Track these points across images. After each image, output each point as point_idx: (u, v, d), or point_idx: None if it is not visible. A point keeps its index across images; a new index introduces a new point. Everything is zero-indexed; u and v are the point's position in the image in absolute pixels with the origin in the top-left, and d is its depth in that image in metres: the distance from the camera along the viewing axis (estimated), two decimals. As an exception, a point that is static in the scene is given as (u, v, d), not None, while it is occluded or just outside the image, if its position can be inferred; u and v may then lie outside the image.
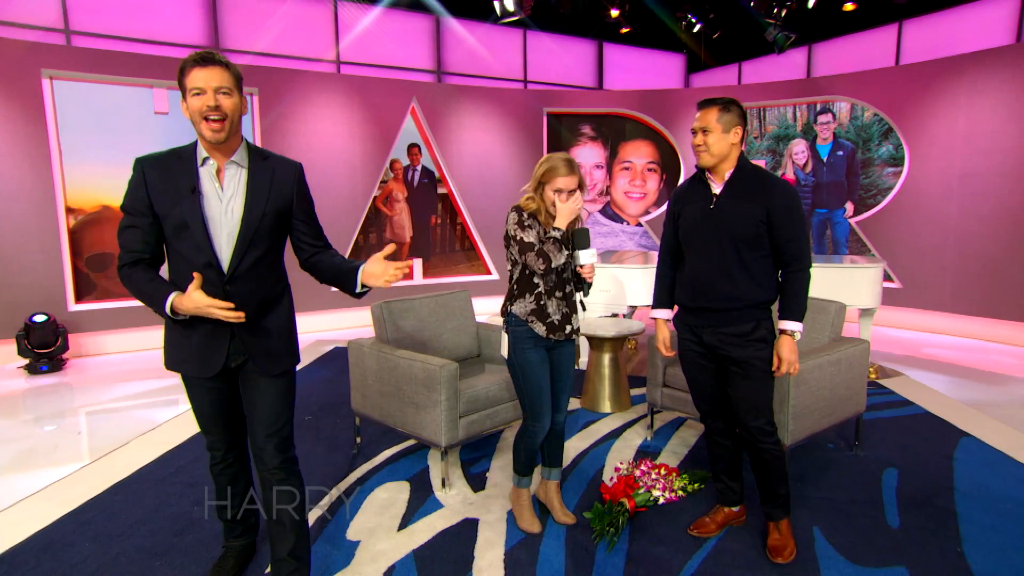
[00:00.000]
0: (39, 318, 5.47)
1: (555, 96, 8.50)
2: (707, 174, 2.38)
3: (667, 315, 2.62)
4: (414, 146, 7.77)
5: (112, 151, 5.99)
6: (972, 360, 5.54)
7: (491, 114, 8.06)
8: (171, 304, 1.78)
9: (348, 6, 7.56)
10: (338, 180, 7.17)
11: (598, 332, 3.96)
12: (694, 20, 8.20)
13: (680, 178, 8.44)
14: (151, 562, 2.39)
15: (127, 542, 2.54)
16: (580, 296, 2.56)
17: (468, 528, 2.64)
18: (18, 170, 5.62)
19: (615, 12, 7.84)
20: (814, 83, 7.69)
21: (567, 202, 2.37)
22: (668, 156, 8.50)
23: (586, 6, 7.91)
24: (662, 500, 2.81)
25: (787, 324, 2.27)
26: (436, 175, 7.92)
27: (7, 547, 2.51)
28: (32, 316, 5.48)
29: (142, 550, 2.48)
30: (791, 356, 2.27)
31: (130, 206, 1.86)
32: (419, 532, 2.61)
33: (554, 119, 8.42)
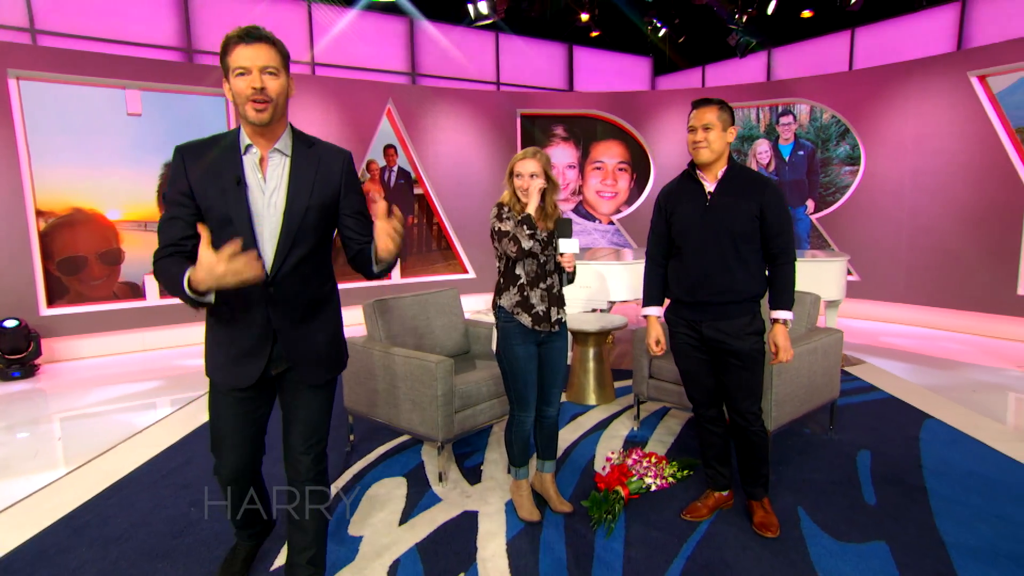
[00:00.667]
0: (9, 323, 5.26)
1: (528, 98, 8.53)
2: (699, 172, 2.43)
3: (658, 312, 2.66)
4: (390, 147, 7.71)
5: (83, 153, 5.77)
6: (925, 347, 5.79)
7: (466, 115, 8.05)
8: (187, 281, 1.52)
9: (322, 8, 7.45)
10: (315, 181, 7.05)
11: (583, 327, 4.01)
12: (659, 25, 8.35)
13: (650, 177, 8.58)
14: (153, 564, 2.33)
15: (125, 545, 2.47)
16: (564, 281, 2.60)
17: (468, 520, 2.65)
18: (-15, 172, 5.40)
19: (585, 16, 7.93)
20: (775, 86, 7.90)
21: (528, 186, 2.44)
22: (638, 156, 8.63)
23: (557, 10, 7.98)
24: (654, 487, 2.86)
25: (780, 313, 2.36)
26: (412, 176, 7.87)
27: (-1, 556, 2.42)
28: (2, 321, 5.26)
29: (142, 553, 2.41)
30: (786, 343, 2.36)
31: (171, 197, 1.68)
32: (420, 526, 2.61)
33: (527, 120, 8.46)
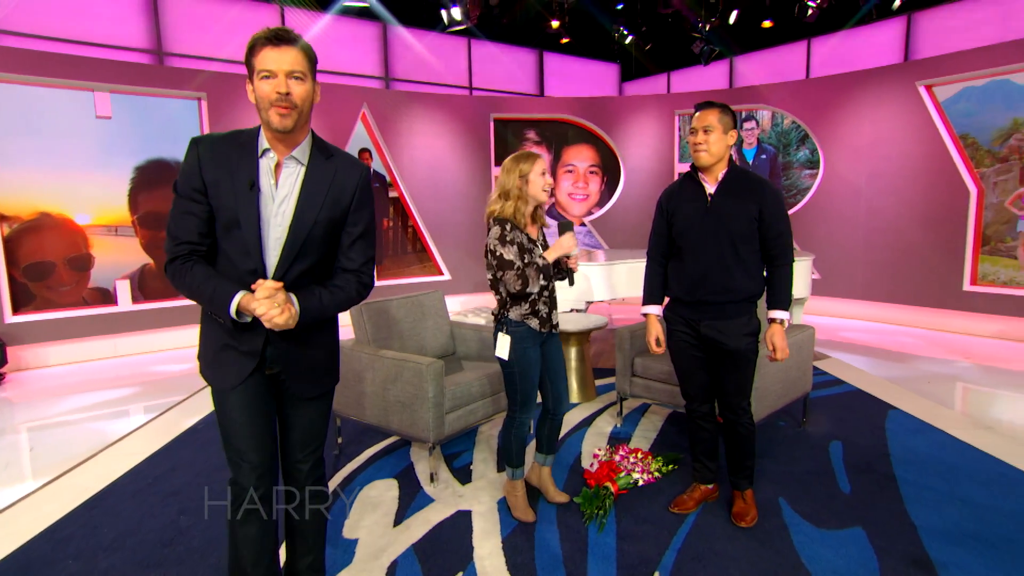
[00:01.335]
0: (-26, 332, 5.02)
1: (501, 102, 8.54)
2: (700, 174, 2.46)
3: (657, 311, 2.68)
4: (364, 151, 7.62)
5: (50, 156, 5.54)
6: (883, 342, 6.01)
7: (440, 120, 8.02)
8: (238, 305, 1.50)
9: (296, 11, 7.32)
10: (290, 184, 6.93)
11: (566, 327, 4.03)
12: (627, 32, 8.48)
13: (620, 180, 8.68)
14: (145, 574, 2.26)
15: (114, 556, 2.38)
16: (566, 282, 2.60)
17: (463, 519, 2.64)
18: (-55, 176, 5.14)
19: (555, 23, 7.99)
20: (738, 93, 8.09)
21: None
22: (608, 159, 8.72)
23: (528, 17, 8.01)
24: (641, 482, 2.90)
25: (777, 313, 2.40)
26: (387, 179, 7.80)
27: (-20, 572, 2.31)
28: (-34, 330, 5.02)
29: (132, 563, 2.33)
30: (783, 343, 2.41)
31: (184, 190, 1.59)
32: (415, 527, 2.59)
33: (500, 124, 8.47)
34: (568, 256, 2.47)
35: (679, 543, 2.42)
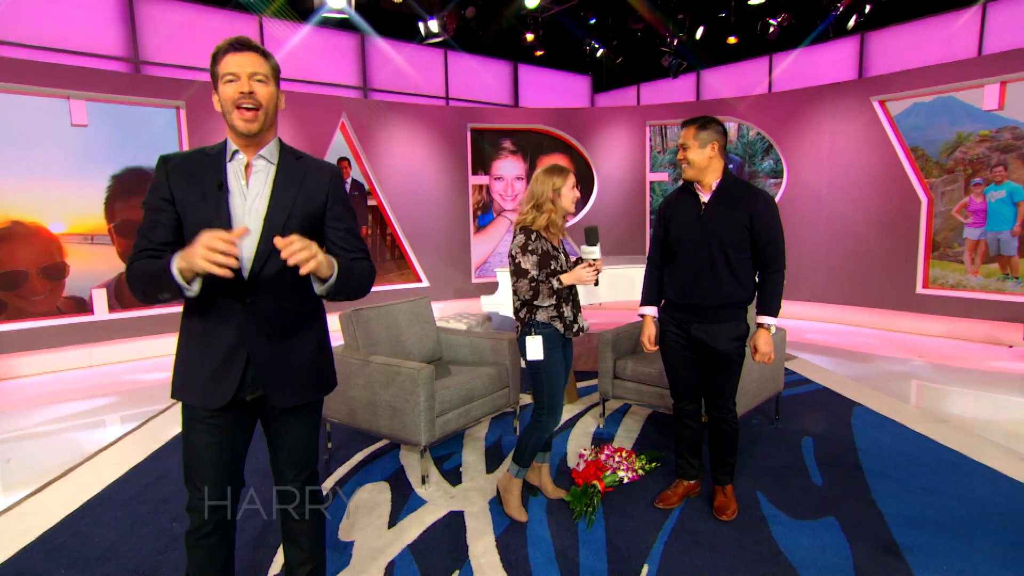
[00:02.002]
0: (-56, 343, 4.83)
1: (477, 113, 8.60)
2: (695, 185, 2.54)
3: (653, 312, 2.75)
4: (343, 159, 7.58)
5: (25, 164, 5.37)
6: (844, 342, 6.23)
7: (418, 129, 8.03)
8: (177, 266, 1.41)
9: (275, 22, 7.26)
10: (269, 193, 6.86)
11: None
12: (598, 46, 8.63)
13: (594, 188, 8.82)
14: (143, 583, 2.23)
15: (109, 564, 2.34)
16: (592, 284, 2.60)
17: (455, 520, 2.67)
18: (-86, 184, 4.95)
19: (530, 36, 8.10)
20: (706, 105, 8.31)
21: (581, 270, 2.48)
22: (582, 168, 8.85)
23: (504, 30, 8.10)
24: (626, 480, 2.98)
25: (765, 319, 2.48)
26: (366, 187, 7.77)
27: (-29, 585, 2.25)
28: (-64, 341, 4.83)
29: (127, 571, 2.30)
30: (767, 348, 2.48)
31: (151, 203, 1.58)
32: (409, 528, 2.61)
33: (477, 134, 8.52)
34: (596, 260, 2.50)
35: (665, 536, 2.50)
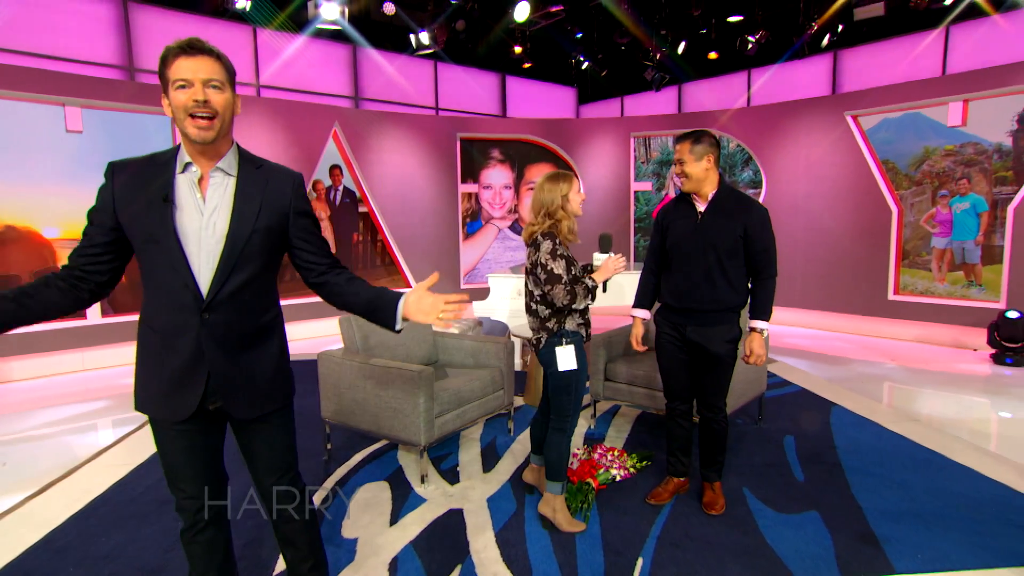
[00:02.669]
0: (-65, 347, 4.76)
1: (466, 122, 8.68)
2: (692, 196, 2.62)
3: (645, 315, 2.82)
4: (336, 167, 7.60)
5: (18, 170, 5.32)
6: (820, 346, 6.39)
7: (409, 138, 8.09)
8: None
9: (269, 32, 7.27)
10: (262, 199, 6.85)
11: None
12: (583, 59, 8.77)
13: (579, 198, 8.93)
14: (151, 580, 2.25)
15: (117, 563, 2.35)
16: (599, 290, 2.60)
17: (455, 517, 2.72)
18: (-94, 188, 4.87)
19: (518, 49, 8.21)
20: (687, 117, 8.49)
21: (611, 260, 2.52)
22: (567, 178, 8.96)
23: (493, 43, 8.20)
24: (619, 477, 3.05)
25: (758, 323, 2.56)
26: (357, 195, 7.80)
27: (-22, 585, 2.24)
28: (-73, 345, 4.75)
29: (136, 569, 2.31)
30: (760, 351, 2.56)
31: (91, 212, 1.53)
32: (411, 525, 2.65)
33: (466, 143, 8.60)
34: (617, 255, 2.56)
35: (658, 531, 2.57)
